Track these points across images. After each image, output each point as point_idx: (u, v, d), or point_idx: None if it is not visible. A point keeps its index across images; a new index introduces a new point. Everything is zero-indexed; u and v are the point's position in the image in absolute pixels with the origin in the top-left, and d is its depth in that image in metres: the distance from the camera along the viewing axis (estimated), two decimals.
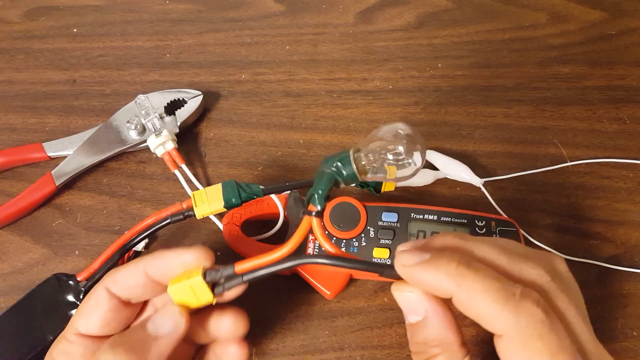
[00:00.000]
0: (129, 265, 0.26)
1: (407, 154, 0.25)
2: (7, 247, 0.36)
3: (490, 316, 0.22)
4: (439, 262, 0.23)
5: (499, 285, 0.22)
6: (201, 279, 0.24)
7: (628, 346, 0.33)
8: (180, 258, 0.26)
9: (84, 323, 0.26)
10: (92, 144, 0.38)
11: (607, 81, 0.44)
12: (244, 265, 0.25)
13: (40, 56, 0.46)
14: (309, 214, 0.25)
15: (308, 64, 0.45)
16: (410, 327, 0.25)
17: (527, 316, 0.21)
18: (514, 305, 0.21)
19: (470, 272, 0.22)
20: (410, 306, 0.24)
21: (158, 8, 0.50)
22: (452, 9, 0.50)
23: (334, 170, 0.25)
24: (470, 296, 0.22)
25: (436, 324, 0.24)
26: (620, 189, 0.39)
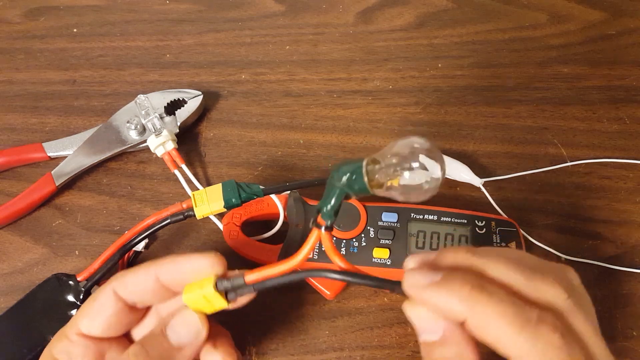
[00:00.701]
0: (139, 269, 0.26)
1: (423, 169, 0.23)
2: (7, 247, 0.36)
3: (505, 342, 0.21)
4: (451, 285, 0.22)
5: (515, 310, 0.21)
6: (213, 290, 0.24)
7: (628, 346, 0.33)
8: (193, 264, 0.25)
9: (87, 324, 0.26)
10: (92, 144, 0.38)
11: (607, 81, 0.44)
12: (253, 276, 0.25)
13: (40, 56, 0.46)
14: (318, 227, 0.24)
15: (308, 64, 0.45)
16: (425, 345, 0.24)
17: (544, 343, 0.21)
18: (530, 331, 0.21)
19: (485, 297, 0.21)
20: (426, 325, 0.23)
21: (158, 8, 0.50)
22: (452, 9, 0.50)
23: (344, 183, 0.23)
24: (484, 321, 0.21)
25: (455, 343, 0.23)
26: (620, 189, 0.39)
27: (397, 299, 0.34)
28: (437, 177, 0.23)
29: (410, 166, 0.23)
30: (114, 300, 0.26)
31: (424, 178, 0.23)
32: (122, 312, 0.26)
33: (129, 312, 0.26)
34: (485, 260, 0.24)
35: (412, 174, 0.23)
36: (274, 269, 0.25)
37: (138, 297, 0.26)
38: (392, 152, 0.24)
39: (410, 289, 0.23)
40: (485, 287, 0.22)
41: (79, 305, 0.30)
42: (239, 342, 0.29)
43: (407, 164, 0.23)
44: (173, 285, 0.26)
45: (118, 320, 0.26)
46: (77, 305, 0.30)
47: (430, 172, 0.23)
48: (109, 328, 0.26)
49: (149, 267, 0.26)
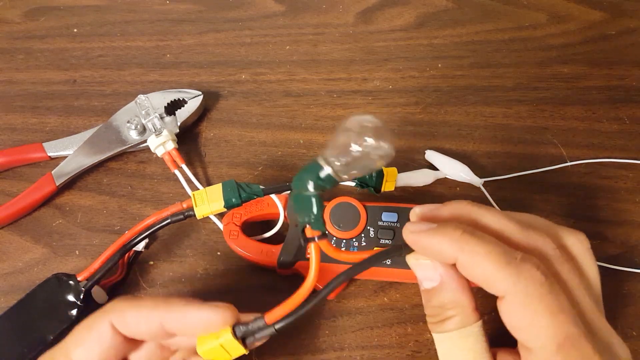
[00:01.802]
0: (142, 307, 0.25)
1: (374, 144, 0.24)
2: (7, 247, 0.36)
3: (491, 278, 0.23)
4: (444, 229, 0.24)
5: (500, 249, 0.23)
6: (232, 337, 0.24)
7: (628, 346, 0.33)
8: (203, 316, 0.24)
9: (81, 354, 0.24)
10: (92, 144, 0.39)
11: (607, 81, 0.44)
12: (273, 315, 0.24)
13: (41, 56, 0.46)
14: (313, 241, 0.24)
15: (308, 64, 0.45)
16: (425, 292, 0.26)
17: (527, 278, 0.22)
18: (514, 268, 0.23)
19: (473, 239, 0.23)
20: (426, 273, 0.26)
21: (158, 8, 0.50)
22: (452, 9, 0.50)
23: (314, 185, 0.24)
24: (473, 260, 0.23)
25: (451, 288, 0.25)
26: (620, 189, 0.39)
27: (397, 299, 0.34)
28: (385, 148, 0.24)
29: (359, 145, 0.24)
30: (111, 334, 0.24)
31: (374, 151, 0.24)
32: (121, 345, 0.25)
33: (127, 343, 0.25)
34: (484, 210, 0.26)
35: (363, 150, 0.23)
36: (291, 301, 0.24)
37: (137, 335, 0.25)
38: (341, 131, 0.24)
39: (409, 236, 0.25)
40: (475, 232, 0.24)
41: (79, 305, 0.30)
42: None
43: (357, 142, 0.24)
44: (178, 332, 0.25)
45: (115, 352, 0.25)
46: (77, 305, 0.30)
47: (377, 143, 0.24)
48: (107, 359, 0.25)
49: (153, 310, 0.25)
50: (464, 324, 0.25)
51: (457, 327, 0.25)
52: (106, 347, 0.24)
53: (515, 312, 0.23)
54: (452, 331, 0.25)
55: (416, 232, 0.25)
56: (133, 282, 0.34)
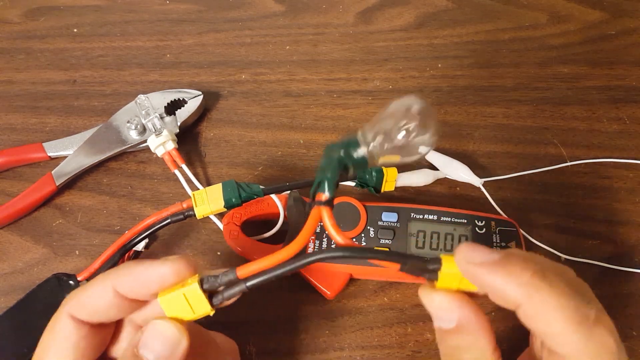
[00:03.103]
0: (92, 284, 0.22)
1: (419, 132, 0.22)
2: (7, 247, 0.36)
3: (559, 336, 0.20)
4: (511, 267, 0.20)
5: (575, 304, 0.20)
6: (197, 287, 0.21)
7: (628, 346, 0.33)
8: (153, 272, 0.22)
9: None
10: (92, 144, 0.39)
11: (607, 81, 0.44)
12: (247, 269, 0.21)
13: (41, 56, 0.46)
14: (318, 204, 0.22)
15: (308, 64, 0.45)
16: (440, 332, 0.23)
17: (599, 345, 0.20)
18: (586, 330, 0.20)
19: (545, 285, 0.20)
20: (442, 313, 0.22)
21: (158, 8, 0.50)
22: (452, 9, 0.50)
23: (342, 154, 0.22)
24: (541, 311, 0.20)
25: (470, 331, 0.22)
26: (620, 189, 0.39)
27: (397, 299, 0.34)
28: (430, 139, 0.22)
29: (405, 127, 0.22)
30: (74, 326, 0.22)
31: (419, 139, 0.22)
32: (89, 334, 0.22)
33: (98, 331, 0.23)
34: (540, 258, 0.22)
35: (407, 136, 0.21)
36: (269, 259, 0.22)
37: (100, 315, 0.22)
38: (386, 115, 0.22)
39: (465, 266, 0.21)
40: (547, 276, 0.20)
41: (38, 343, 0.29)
42: (239, 342, 0.29)
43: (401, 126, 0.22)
44: (137, 295, 0.22)
45: (87, 344, 0.22)
46: None
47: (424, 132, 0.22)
48: (82, 356, 0.22)
49: (104, 281, 0.22)
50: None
51: None
52: (74, 344, 0.22)
53: None
54: None
55: (474, 265, 0.21)
56: None
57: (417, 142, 0.22)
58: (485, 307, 0.34)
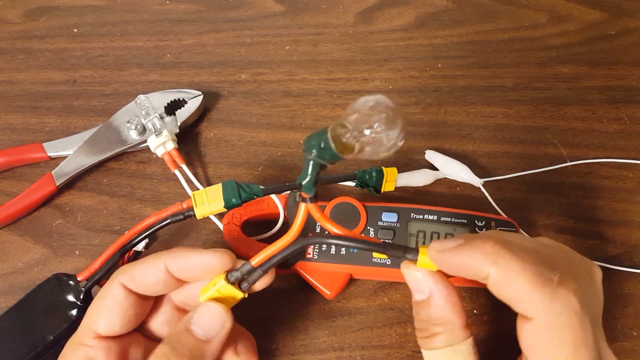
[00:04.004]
0: (147, 261, 0.26)
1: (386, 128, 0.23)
2: (7, 247, 0.36)
3: (523, 298, 0.22)
4: (474, 243, 0.23)
5: (537, 268, 0.21)
6: (226, 283, 0.26)
7: (628, 346, 0.33)
8: (204, 260, 0.26)
9: (104, 324, 0.25)
10: (92, 144, 0.39)
11: (607, 81, 0.44)
12: (258, 258, 0.26)
13: (41, 56, 0.46)
14: (304, 201, 0.25)
15: (308, 64, 0.45)
16: (415, 304, 0.26)
17: (562, 304, 0.21)
18: (550, 290, 0.21)
19: (508, 252, 0.22)
20: (417, 284, 0.25)
21: (158, 8, 0.50)
22: (452, 9, 0.50)
23: (315, 154, 0.24)
24: (506, 276, 0.22)
25: (439, 303, 0.24)
26: (620, 189, 0.39)
27: (397, 299, 0.34)
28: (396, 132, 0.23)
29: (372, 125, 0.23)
30: (125, 294, 0.25)
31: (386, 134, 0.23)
32: (136, 304, 0.26)
33: (143, 302, 0.26)
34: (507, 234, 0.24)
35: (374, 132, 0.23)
36: (273, 246, 0.26)
37: (148, 288, 0.26)
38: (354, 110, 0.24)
39: (435, 256, 0.24)
40: (509, 244, 0.22)
41: (79, 305, 0.30)
42: None
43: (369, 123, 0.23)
44: (183, 276, 0.26)
45: (134, 312, 0.26)
46: (77, 305, 0.30)
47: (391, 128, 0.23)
48: (128, 323, 0.26)
49: (157, 259, 0.26)
50: (452, 341, 0.24)
51: (444, 345, 0.24)
52: (124, 309, 0.25)
53: (539, 337, 0.22)
54: (440, 349, 0.24)
55: (443, 251, 0.23)
56: None
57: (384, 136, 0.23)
58: (484, 308, 0.34)
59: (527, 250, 0.23)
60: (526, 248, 0.23)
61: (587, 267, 0.25)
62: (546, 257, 0.23)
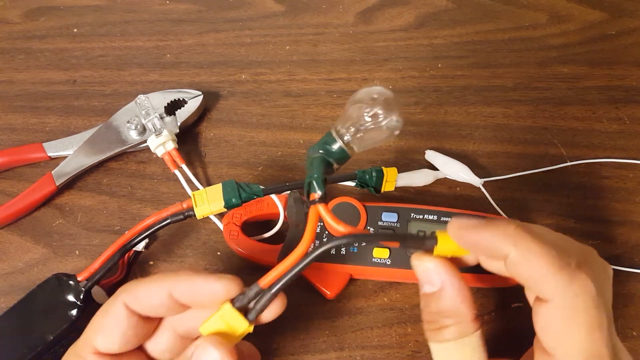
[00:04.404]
0: (151, 282, 0.25)
1: (384, 116, 0.24)
2: (7, 247, 0.36)
3: (542, 280, 0.22)
4: (496, 223, 0.23)
5: (556, 252, 0.22)
6: (230, 307, 0.23)
7: (628, 346, 0.32)
8: (209, 286, 0.24)
9: (103, 340, 0.25)
10: (92, 144, 0.39)
11: (607, 81, 0.44)
12: (267, 279, 0.24)
13: (41, 56, 0.46)
14: (313, 203, 0.24)
15: (308, 64, 0.45)
16: (424, 296, 0.25)
17: (580, 287, 0.21)
18: (568, 274, 0.21)
19: (529, 235, 0.22)
20: (428, 276, 0.25)
21: (158, 8, 0.50)
22: (452, 9, 0.50)
23: (322, 152, 0.24)
24: (525, 257, 0.22)
25: (451, 295, 0.24)
26: (620, 189, 0.39)
27: (397, 299, 0.34)
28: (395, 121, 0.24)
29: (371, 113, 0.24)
30: (127, 314, 0.25)
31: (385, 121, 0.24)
32: (137, 324, 0.25)
33: (144, 323, 0.25)
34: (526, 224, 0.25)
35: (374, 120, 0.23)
36: (284, 263, 0.23)
37: (150, 310, 0.25)
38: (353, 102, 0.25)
39: (456, 232, 0.24)
40: (530, 228, 0.23)
41: (79, 305, 0.30)
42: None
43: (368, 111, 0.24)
44: (186, 301, 0.25)
45: (134, 333, 0.25)
46: (77, 305, 0.30)
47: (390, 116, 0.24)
48: (127, 342, 0.25)
49: (161, 282, 0.25)
50: (462, 334, 0.24)
51: (454, 337, 0.24)
52: (124, 329, 0.25)
53: (555, 319, 0.22)
54: (449, 341, 0.24)
55: (465, 227, 0.23)
56: None
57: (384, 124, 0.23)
58: (486, 308, 0.34)
59: (546, 236, 0.23)
60: (545, 235, 0.23)
61: (602, 262, 0.25)
62: (564, 245, 0.23)
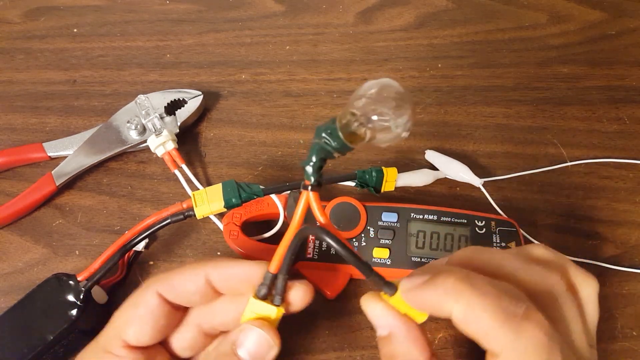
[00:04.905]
0: (186, 270, 0.25)
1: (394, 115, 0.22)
2: (7, 247, 0.36)
3: (488, 334, 0.21)
4: (436, 280, 0.22)
5: (499, 303, 0.21)
6: (255, 299, 0.24)
7: (628, 346, 0.33)
8: (246, 270, 0.25)
9: (134, 332, 0.24)
10: (92, 144, 0.39)
11: (607, 81, 0.44)
12: (274, 263, 0.24)
13: (41, 56, 0.46)
14: (305, 189, 0.24)
15: (308, 64, 0.45)
16: (379, 340, 0.24)
17: (527, 338, 0.20)
18: (514, 325, 0.20)
19: (468, 288, 0.21)
20: (377, 321, 0.24)
21: (158, 8, 0.50)
22: (452, 9, 0.50)
23: (322, 140, 0.23)
24: (469, 313, 0.21)
25: (400, 340, 0.23)
26: (620, 189, 0.39)
27: None
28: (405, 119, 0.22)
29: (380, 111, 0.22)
30: (159, 302, 0.24)
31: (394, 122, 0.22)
32: (170, 314, 0.25)
33: (174, 314, 0.25)
34: (488, 252, 0.24)
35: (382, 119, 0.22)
36: (281, 245, 0.24)
37: (185, 298, 0.25)
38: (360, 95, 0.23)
39: (405, 295, 0.23)
40: (470, 279, 0.21)
41: (79, 305, 0.30)
42: None
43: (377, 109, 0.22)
44: (223, 287, 0.25)
45: (165, 323, 0.25)
46: (77, 305, 0.30)
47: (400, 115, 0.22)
48: (158, 333, 0.25)
49: (197, 269, 0.25)
50: None
51: None
52: (157, 319, 0.24)
53: None
54: None
55: (410, 290, 0.22)
56: (133, 282, 0.34)
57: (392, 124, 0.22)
58: None
59: (492, 283, 0.22)
60: (490, 281, 0.22)
61: (576, 282, 0.24)
62: (512, 292, 0.22)
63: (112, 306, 0.33)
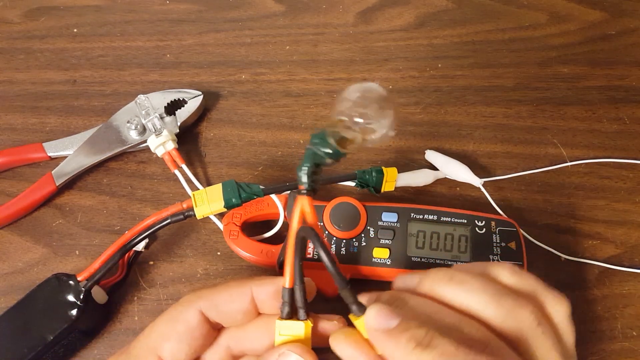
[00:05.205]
0: (231, 288, 0.24)
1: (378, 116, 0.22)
2: (7, 247, 0.36)
3: None
4: (400, 338, 0.21)
5: None
6: (280, 321, 0.24)
7: (628, 346, 0.33)
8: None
9: (171, 349, 0.23)
10: (92, 144, 0.39)
11: (607, 81, 0.44)
12: (287, 278, 0.24)
13: (41, 56, 0.46)
14: (299, 194, 0.24)
15: (308, 64, 0.45)
16: None
17: None
18: None
19: (427, 356, 0.20)
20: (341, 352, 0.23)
21: (158, 8, 0.50)
22: (452, 9, 0.50)
23: (313, 148, 0.23)
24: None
25: None
26: (620, 189, 0.39)
27: None
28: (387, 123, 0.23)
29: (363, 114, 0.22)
30: (200, 321, 0.24)
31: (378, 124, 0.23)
32: (207, 334, 0.24)
33: (212, 334, 0.25)
34: (457, 284, 0.23)
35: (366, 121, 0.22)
36: (288, 259, 0.24)
37: (228, 318, 0.24)
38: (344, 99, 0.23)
39: (369, 331, 0.22)
40: (431, 344, 0.21)
41: (79, 305, 0.30)
42: None
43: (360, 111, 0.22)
44: (266, 307, 0.24)
45: (202, 344, 0.24)
46: (77, 305, 0.30)
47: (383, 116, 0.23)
48: (194, 353, 0.24)
49: (244, 286, 0.24)
50: None
51: None
52: (195, 338, 0.24)
53: None
54: None
55: (373, 331, 0.22)
56: (133, 282, 0.34)
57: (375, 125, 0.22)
58: None
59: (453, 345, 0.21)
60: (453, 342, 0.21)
61: (548, 307, 0.24)
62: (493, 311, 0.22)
63: (112, 306, 0.34)
